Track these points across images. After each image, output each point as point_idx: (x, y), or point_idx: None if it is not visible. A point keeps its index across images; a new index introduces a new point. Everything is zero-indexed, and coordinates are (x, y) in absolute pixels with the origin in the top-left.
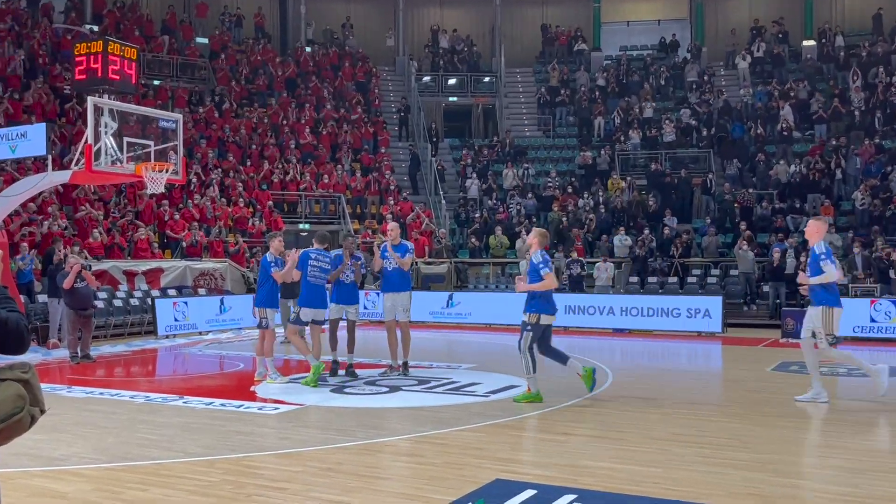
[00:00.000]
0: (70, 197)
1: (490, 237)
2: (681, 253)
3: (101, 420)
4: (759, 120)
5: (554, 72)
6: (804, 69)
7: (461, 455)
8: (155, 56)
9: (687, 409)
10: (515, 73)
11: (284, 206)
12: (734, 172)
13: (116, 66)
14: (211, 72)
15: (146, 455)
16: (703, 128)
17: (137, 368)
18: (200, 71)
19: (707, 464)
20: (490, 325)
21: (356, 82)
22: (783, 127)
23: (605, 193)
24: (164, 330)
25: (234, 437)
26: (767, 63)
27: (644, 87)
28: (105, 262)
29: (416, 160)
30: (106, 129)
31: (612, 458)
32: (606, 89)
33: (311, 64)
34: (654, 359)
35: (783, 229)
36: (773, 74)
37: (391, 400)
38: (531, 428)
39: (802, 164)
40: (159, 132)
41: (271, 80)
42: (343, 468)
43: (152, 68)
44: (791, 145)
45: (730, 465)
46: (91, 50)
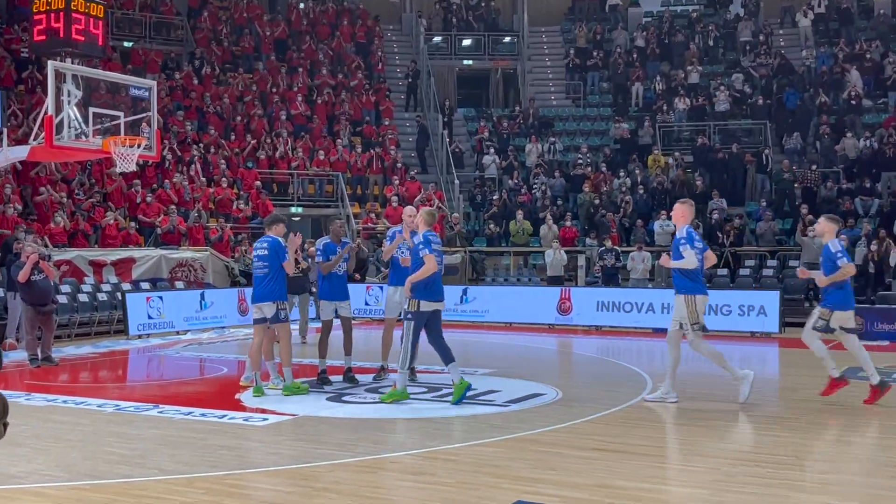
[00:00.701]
0: (28, 176)
1: (510, 223)
2: (732, 241)
3: (64, 432)
4: (823, 86)
5: (584, 31)
6: (876, 27)
7: (476, 473)
8: (125, 14)
9: (738, 421)
10: (540, 32)
11: (274, 186)
12: (794, 147)
13: (81, 26)
14: (189, 32)
15: (116, 472)
16: (759, 96)
17: (106, 373)
18: (177, 31)
19: (761, 485)
20: (510, 324)
21: (356, 43)
22: (851, 95)
23: (643, 172)
24: (136, 329)
25: (217, 452)
26: (833, 20)
27: (690, 48)
28: (68, 251)
29: (426, 134)
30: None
31: (650, 478)
32: (646, 51)
33: (305, 22)
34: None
35: (851, 213)
36: (839, 33)
37: (396, 410)
38: (557, 442)
39: (874, 137)
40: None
41: (258, 41)
42: (341, 488)
43: (122, 28)
44: (860, 116)
45: (788, 486)
46: (52, 7)
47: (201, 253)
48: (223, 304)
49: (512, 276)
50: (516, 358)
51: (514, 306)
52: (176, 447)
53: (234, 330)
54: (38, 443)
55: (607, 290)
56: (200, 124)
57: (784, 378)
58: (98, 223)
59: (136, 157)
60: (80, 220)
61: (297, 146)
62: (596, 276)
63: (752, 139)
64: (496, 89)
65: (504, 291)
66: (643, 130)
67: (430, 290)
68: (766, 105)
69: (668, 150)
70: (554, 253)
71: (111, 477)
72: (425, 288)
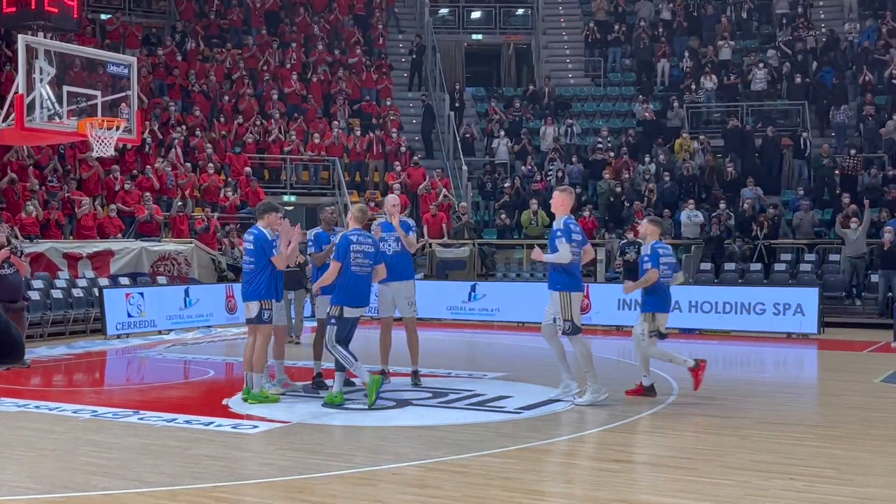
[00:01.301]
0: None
1: (523, 213)
2: (766, 233)
3: (36, 440)
4: (868, 64)
5: (605, 2)
6: None
7: (485, 486)
8: None
9: (772, 430)
10: (557, 3)
11: (265, 172)
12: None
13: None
14: (172, 3)
15: (92, 484)
16: (797, 74)
17: (82, 376)
18: (159, 2)
19: (798, 500)
20: (523, 323)
21: (355, 16)
22: None
23: (670, 157)
24: (114, 328)
25: (203, 462)
26: None
27: (721, 21)
28: (41, 243)
29: (431, 115)
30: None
31: (677, 491)
32: (672, 24)
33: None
34: (730, 367)
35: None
36: (885, 5)
37: (399, 417)
38: (573, 453)
39: None
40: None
41: (248, 13)
42: (337, 502)
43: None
44: None
45: (824, 501)
46: None
47: (185, 245)
48: (209, 301)
49: (525, 272)
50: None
51: (527, 304)
52: (158, 457)
53: (221, 329)
54: (8, 452)
55: None
56: (185, 105)
57: (823, 383)
58: (73, 213)
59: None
60: (53, 210)
61: (290, 129)
62: (616, 272)
63: (788, 122)
64: (508, 66)
65: (516, 288)
66: (670, 112)
67: (354, 295)
68: (805, 84)
69: (696, 133)
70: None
71: (87, 489)
72: (349, 293)
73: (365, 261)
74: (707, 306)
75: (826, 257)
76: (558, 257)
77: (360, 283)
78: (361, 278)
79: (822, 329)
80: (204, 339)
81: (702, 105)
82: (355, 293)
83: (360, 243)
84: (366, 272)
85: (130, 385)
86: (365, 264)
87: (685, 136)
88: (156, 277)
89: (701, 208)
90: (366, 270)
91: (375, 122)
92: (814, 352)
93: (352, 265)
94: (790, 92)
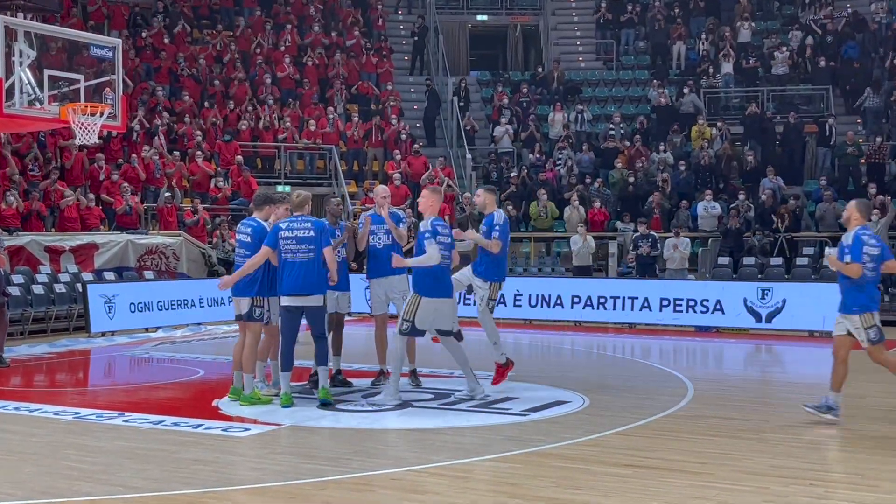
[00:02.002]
0: None
1: (531, 204)
2: (787, 225)
3: (16, 444)
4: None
5: None
6: None
7: (490, 493)
8: None
9: (792, 433)
10: None
11: (257, 161)
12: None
13: None
14: None
15: (75, 489)
16: (820, 57)
17: (64, 376)
18: None
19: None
20: (530, 320)
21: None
22: None
23: (686, 145)
24: (98, 326)
25: (192, 466)
26: None
27: (740, 1)
28: (21, 236)
29: (434, 100)
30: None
31: (692, 497)
32: (689, 4)
33: None
34: (750, 366)
35: None
36: None
37: (397, 419)
38: (583, 457)
39: None
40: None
41: None
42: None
43: None
44: None
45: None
46: None
47: (174, 238)
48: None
49: (533, 266)
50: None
51: (534, 300)
52: (144, 461)
53: (211, 327)
54: None
55: (643, 282)
56: (173, 90)
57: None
58: (55, 204)
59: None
60: (33, 201)
61: (284, 115)
62: (629, 267)
63: (812, 107)
64: (515, 49)
65: (523, 283)
66: (685, 97)
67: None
68: (830, 68)
69: (713, 120)
70: (581, 239)
71: (70, 495)
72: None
73: (298, 247)
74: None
75: None
76: (425, 259)
77: (296, 271)
78: (296, 265)
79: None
80: (193, 337)
81: (719, 90)
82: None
83: (290, 230)
84: (299, 259)
85: (115, 385)
86: (297, 251)
87: (701, 122)
88: (142, 272)
89: (718, 199)
90: (299, 258)
91: (374, 108)
92: None
93: (284, 252)
94: (814, 76)
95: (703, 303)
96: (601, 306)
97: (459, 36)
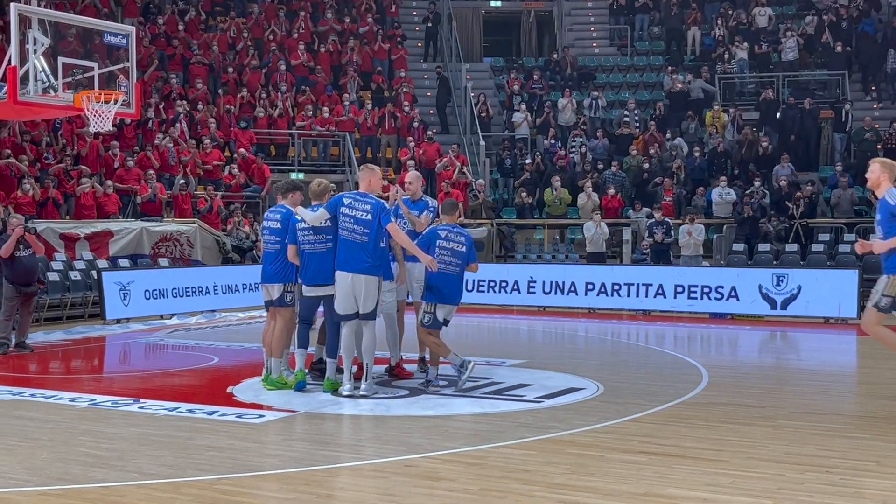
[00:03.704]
0: None
1: (545, 191)
2: (803, 212)
3: (32, 430)
4: None
5: None
6: None
7: (504, 479)
8: None
9: (808, 420)
10: None
11: (271, 149)
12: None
13: None
14: None
15: (90, 476)
16: (837, 42)
17: (80, 363)
18: None
19: (834, 493)
20: (544, 307)
21: None
22: None
23: (700, 131)
24: (113, 313)
25: (206, 453)
26: None
27: None
28: (37, 223)
29: (447, 87)
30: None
31: (706, 485)
32: None
33: None
34: (764, 353)
35: None
36: None
37: (411, 406)
38: (597, 444)
39: None
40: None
41: None
42: (348, 495)
43: None
44: None
45: (862, 496)
46: None
47: (188, 225)
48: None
49: (547, 253)
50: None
51: (549, 287)
52: (159, 448)
53: (225, 314)
54: (1, 442)
55: (657, 269)
56: (186, 77)
57: (863, 371)
58: (70, 191)
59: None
60: (49, 188)
61: (297, 102)
62: (644, 253)
63: (827, 93)
64: (528, 35)
65: (538, 270)
66: (697, 84)
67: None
68: (846, 53)
69: (728, 106)
70: (595, 226)
71: (85, 481)
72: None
73: (314, 237)
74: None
75: (867, 237)
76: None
77: (312, 260)
78: (314, 255)
79: (862, 314)
80: (207, 325)
81: (734, 75)
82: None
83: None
84: (318, 249)
85: (130, 372)
86: (313, 241)
87: (716, 108)
88: (157, 259)
89: (733, 186)
90: (317, 248)
91: (388, 94)
92: (853, 338)
93: (302, 243)
94: (830, 61)
95: (717, 289)
96: (615, 293)
97: (473, 22)
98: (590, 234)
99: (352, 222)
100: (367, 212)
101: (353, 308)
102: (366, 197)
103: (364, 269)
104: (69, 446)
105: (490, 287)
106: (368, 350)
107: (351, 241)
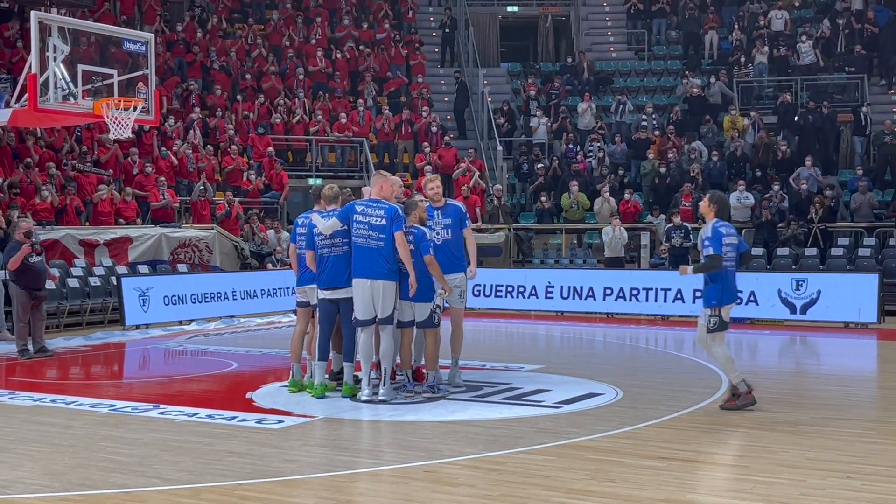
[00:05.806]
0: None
1: (563, 195)
2: (822, 216)
3: (53, 436)
4: None
5: None
6: None
7: (523, 485)
8: None
9: (829, 425)
10: None
11: (289, 154)
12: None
13: None
14: None
15: (111, 481)
16: (856, 45)
17: (99, 368)
18: None
19: (856, 499)
20: (562, 312)
21: None
22: None
23: (718, 135)
24: (133, 318)
25: (226, 458)
26: None
27: None
28: (56, 230)
29: (464, 92)
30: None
31: (728, 490)
32: None
33: None
34: (784, 358)
35: None
36: None
37: (431, 411)
38: (617, 450)
39: None
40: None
41: None
42: (368, 500)
43: None
44: None
45: (887, 501)
46: None
47: (207, 231)
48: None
49: (564, 258)
50: (569, 352)
51: (567, 292)
52: (179, 453)
53: (244, 319)
54: (23, 448)
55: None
56: (205, 83)
57: (884, 376)
58: (89, 197)
59: (132, 121)
60: (69, 195)
61: (315, 108)
62: (662, 258)
63: (846, 96)
64: (545, 40)
65: (555, 275)
66: (715, 87)
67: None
68: (864, 56)
69: (746, 110)
70: (613, 231)
71: (106, 487)
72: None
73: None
74: (758, 294)
75: (887, 241)
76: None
77: (329, 263)
78: (329, 259)
79: (882, 318)
80: (226, 330)
81: (752, 79)
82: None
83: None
84: (336, 252)
85: (150, 378)
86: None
87: (734, 112)
88: (176, 265)
89: (752, 190)
90: (335, 251)
91: (405, 100)
92: (873, 342)
93: (319, 247)
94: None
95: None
96: (634, 298)
97: (490, 27)
98: (608, 239)
99: (366, 229)
100: (382, 217)
101: (372, 314)
102: (378, 203)
103: (383, 275)
104: (90, 452)
105: (508, 292)
106: (387, 355)
107: (367, 248)
